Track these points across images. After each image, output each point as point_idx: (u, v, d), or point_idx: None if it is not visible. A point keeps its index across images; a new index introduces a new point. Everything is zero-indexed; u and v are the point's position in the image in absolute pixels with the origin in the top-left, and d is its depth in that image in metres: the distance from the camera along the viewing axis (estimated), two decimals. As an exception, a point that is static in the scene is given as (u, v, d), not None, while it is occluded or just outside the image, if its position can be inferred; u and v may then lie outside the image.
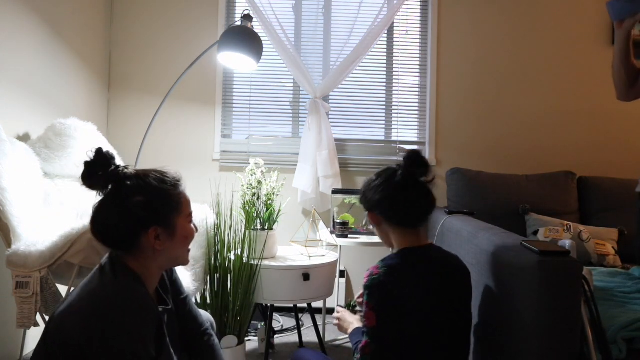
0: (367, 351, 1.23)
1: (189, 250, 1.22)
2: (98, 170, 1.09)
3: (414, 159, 1.32)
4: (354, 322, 1.46)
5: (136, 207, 1.09)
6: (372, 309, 1.24)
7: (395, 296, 1.24)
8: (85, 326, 0.99)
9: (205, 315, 1.46)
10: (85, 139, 2.17)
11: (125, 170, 1.12)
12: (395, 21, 3.13)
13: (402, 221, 1.34)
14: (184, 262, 1.22)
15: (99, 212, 1.09)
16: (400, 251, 1.34)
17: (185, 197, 1.18)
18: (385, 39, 3.15)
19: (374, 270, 1.28)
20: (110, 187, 1.10)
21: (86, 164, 1.10)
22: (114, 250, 1.13)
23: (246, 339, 2.42)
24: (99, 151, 1.11)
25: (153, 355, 1.04)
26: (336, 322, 1.54)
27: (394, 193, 1.32)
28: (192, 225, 1.21)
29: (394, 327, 1.24)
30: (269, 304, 2.16)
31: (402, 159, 1.35)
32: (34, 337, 2.17)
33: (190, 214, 1.20)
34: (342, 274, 2.98)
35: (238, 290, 2.05)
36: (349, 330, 1.45)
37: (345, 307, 1.60)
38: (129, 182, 1.10)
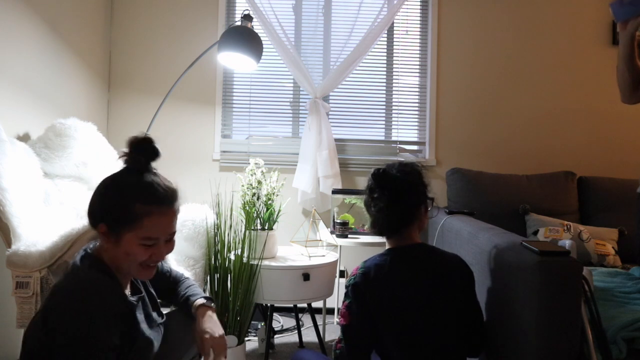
0: (339, 347, 1.31)
1: (144, 267, 1.12)
2: (136, 150, 1.11)
3: (376, 180, 1.37)
4: None
5: (100, 197, 1.09)
6: (346, 307, 1.31)
7: (368, 298, 1.29)
8: (48, 315, 1.00)
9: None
10: (85, 139, 2.17)
11: (138, 164, 1.11)
12: (395, 21, 3.13)
13: (374, 230, 1.41)
14: (135, 275, 1.14)
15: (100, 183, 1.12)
16: (386, 250, 1.38)
17: (152, 222, 1.06)
18: (385, 39, 3.15)
19: (354, 270, 1.35)
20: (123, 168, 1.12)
21: (134, 141, 1.11)
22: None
23: (246, 339, 2.42)
24: (148, 140, 1.12)
25: (115, 343, 1.04)
26: None
27: (367, 206, 1.41)
28: (142, 248, 1.08)
29: (365, 327, 1.29)
30: (269, 304, 2.16)
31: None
32: (34, 337, 2.16)
33: (146, 238, 1.07)
34: (342, 274, 2.98)
35: (238, 290, 2.05)
36: None
37: None
38: (121, 174, 1.11)
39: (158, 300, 1.34)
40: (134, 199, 1.07)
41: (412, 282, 1.29)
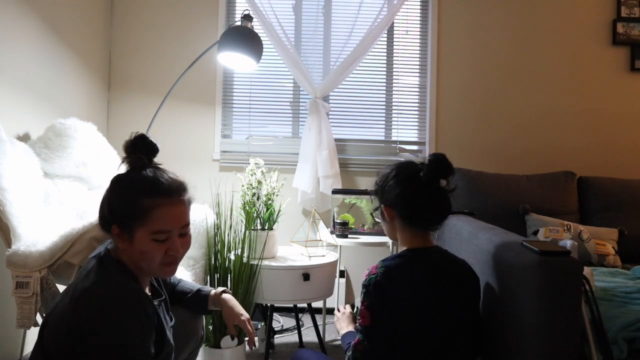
0: (359, 348, 1.26)
1: (164, 264, 1.09)
2: (131, 152, 1.11)
3: (441, 164, 1.32)
4: (349, 326, 1.51)
5: (107, 199, 1.09)
6: (367, 307, 1.27)
7: (390, 297, 1.26)
8: (84, 324, 0.97)
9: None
10: (85, 139, 2.17)
11: (140, 162, 1.10)
12: (395, 21, 3.13)
13: (417, 222, 1.33)
14: (157, 274, 1.12)
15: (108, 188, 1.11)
16: (404, 251, 1.35)
17: (160, 214, 1.05)
18: (385, 39, 3.15)
19: (372, 269, 1.30)
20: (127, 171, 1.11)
21: (129, 143, 1.11)
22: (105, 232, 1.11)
23: (246, 339, 2.41)
24: (142, 137, 1.12)
25: (152, 352, 1.03)
26: (336, 319, 1.59)
27: (415, 193, 1.31)
28: (155, 244, 1.06)
29: (387, 327, 1.26)
30: (269, 304, 2.16)
31: (427, 160, 1.34)
32: (33, 337, 2.15)
33: (157, 232, 1.05)
34: (342, 274, 2.98)
35: (238, 290, 2.05)
36: (341, 332, 1.50)
37: (352, 310, 1.61)
38: (125, 174, 1.10)
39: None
40: (139, 194, 1.06)
41: (431, 284, 1.28)
